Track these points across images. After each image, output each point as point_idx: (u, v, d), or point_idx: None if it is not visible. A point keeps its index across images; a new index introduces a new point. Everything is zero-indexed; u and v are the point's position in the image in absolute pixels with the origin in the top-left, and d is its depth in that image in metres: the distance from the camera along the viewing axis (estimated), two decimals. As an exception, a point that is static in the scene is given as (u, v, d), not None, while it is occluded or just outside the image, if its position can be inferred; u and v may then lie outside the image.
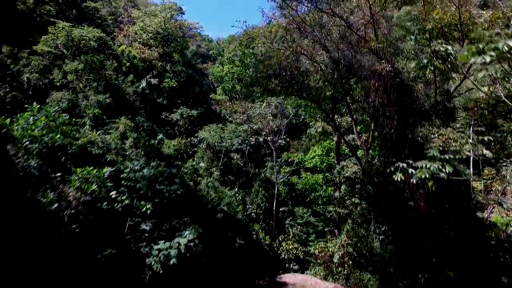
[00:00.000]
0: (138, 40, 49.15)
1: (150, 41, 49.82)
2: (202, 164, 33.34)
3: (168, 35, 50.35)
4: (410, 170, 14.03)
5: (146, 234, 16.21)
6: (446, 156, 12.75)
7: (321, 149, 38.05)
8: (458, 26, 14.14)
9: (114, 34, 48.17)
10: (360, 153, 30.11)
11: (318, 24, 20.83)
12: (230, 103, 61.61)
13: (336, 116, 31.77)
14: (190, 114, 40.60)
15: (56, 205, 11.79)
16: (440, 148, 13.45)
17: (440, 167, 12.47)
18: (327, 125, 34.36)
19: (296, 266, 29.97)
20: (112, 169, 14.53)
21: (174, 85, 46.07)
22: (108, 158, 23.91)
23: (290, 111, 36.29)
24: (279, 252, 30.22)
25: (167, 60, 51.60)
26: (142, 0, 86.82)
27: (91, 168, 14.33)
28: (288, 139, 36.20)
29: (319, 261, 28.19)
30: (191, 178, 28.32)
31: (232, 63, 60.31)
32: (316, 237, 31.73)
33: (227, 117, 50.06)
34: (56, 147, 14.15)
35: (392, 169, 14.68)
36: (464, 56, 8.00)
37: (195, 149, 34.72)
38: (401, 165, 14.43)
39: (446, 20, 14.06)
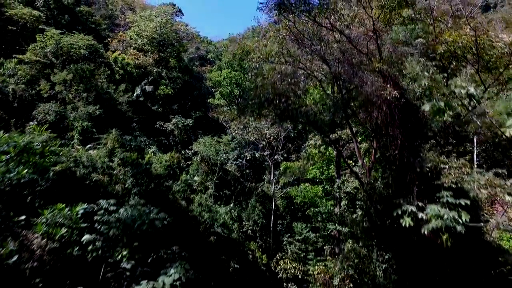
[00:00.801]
0: (133, 45, 47.47)
1: (145, 46, 48.17)
2: (196, 178, 31.75)
3: (163, 40, 48.66)
4: (420, 215, 12.44)
5: (128, 273, 14.64)
6: (462, 202, 11.16)
7: (321, 161, 36.43)
8: (473, 49, 12.52)
9: (108, 40, 46.45)
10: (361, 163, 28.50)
11: (317, 36, 19.19)
12: (228, 108, 60.28)
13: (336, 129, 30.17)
14: (185, 123, 38.96)
15: (16, 257, 10.22)
16: (453, 186, 11.82)
17: (456, 216, 10.90)
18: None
19: (294, 287, 28.46)
20: (86, 206, 12.91)
21: (170, 92, 44.43)
22: (94, 178, 22.57)
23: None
24: (276, 271, 28.68)
25: (163, 65, 49.95)
26: (139, 3, 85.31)
27: (62, 206, 12.74)
28: (285, 155, 34.64)
29: (318, 283, 26.64)
30: (183, 195, 26.77)
31: (230, 67, 58.79)
32: (315, 255, 30.13)
33: (225, 124, 48.60)
34: (23, 184, 12.54)
35: (399, 212, 13.08)
36: (497, 113, 6.46)
37: (189, 162, 33.10)
38: (409, 209, 12.83)
39: (460, 43, 12.46)
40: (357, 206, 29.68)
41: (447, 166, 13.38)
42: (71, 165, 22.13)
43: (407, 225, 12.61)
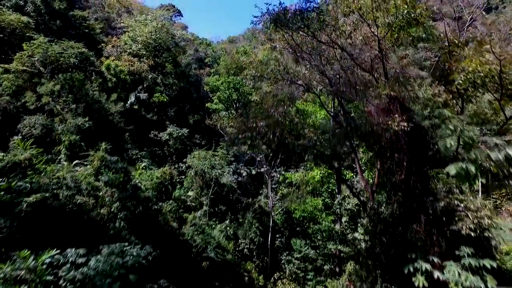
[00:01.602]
0: (128, 50, 45.76)
1: (140, 52, 46.47)
2: (190, 193, 30.14)
3: (159, 45, 46.95)
4: (437, 275, 10.79)
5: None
6: (487, 264, 9.50)
7: (320, 173, 34.72)
8: (496, 78, 10.87)
9: (102, 45, 44.71)
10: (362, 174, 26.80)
11: (317, 51, 17.52)
12: (226, 113, 58.59)
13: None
14: (180, 133, 37.28)
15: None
16: (473, 234, 10.17)
17: (480, 282, 9.26)
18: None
19: (293, 309, 26.91)
20: (55, 253, 11.26)
21: (165, 99, 42.73)
22: (78, 201, 20.92)
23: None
24: (274, 292, 27.13)
25: (159, 71, 48.28)
26: (136, 6, 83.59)
27: (27, 253, 11.07)
28: (283, 172, 32.98)
29: (317, 307, 25.08)
30: (175, 215, 25.15)
31: (229, 72, 57.11)
32: (314, 275, 28.51)
33: (222, 132, 46.93)
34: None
35: (411, 269, 11.43)
36: None
37: (183, 177, 31.42)
38: (423, 267, 11.17)
39: (482, 73, 10.81)
40: (359, 224, 28.15)
41: (462, 205, 11.69)
42: (54, 187, 20.59)
43: (421, 285, 10.95)
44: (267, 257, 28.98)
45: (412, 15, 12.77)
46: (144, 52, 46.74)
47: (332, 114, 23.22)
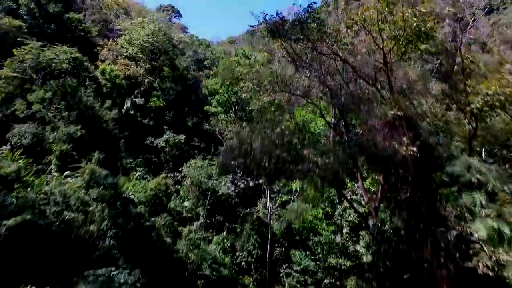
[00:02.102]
0: (124, 54, 44.56)
1: (137, 55, 45.25)
2: (186, 203, 29.04)
3: (156, 48, 45.76)
4: None
5: None
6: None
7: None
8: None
9: (98, 48, 43.53)
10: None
11: (317, 61, 16.39)
12: (226, 115, 57.43)
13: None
14: (177, 140, 36.15)
15: None
16: (490, 273, 9.04)
17: None
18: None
19: (292, 326, 25.84)
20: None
21: (162, 104, 41.59)
22: (66, 217, 19.86)
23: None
24: (272, 308, 26.07)
25: (156, 74, 47.11)
26: (134, 8, 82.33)
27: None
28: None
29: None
30: (170, 229, 24.02)
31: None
32: (314, 289, 27.44)
33: (220, 137, 45.83)
34: None
35: None
36: None
37: (179, 186, 30.27)
38: None
39: (502, 96, 9.69)
40: (360, 236, 27.06)
41: (476, 235, 10.56)
42: (41, 203, 19.54)
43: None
44: (266, 270, 27.89)
45: (422, 29, 11.67)
46: (141, 56, 45.56)
47: (332, 124, 22.10)
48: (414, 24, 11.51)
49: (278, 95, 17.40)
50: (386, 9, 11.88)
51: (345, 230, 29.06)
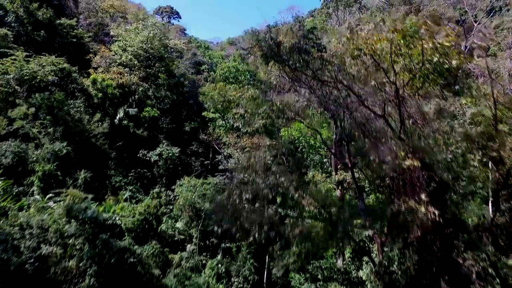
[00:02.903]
0: (118, 61, 42.60)
1: (132, 61, 43.27)
2: (178, 225, 27.16)
3: (151, 55, 43.82)
4: None
5: None
6: None
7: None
8: None
9: (90, 55, 41.58)
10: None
11: (318, 87, 14.46)
12: (223, 122, 55.56)
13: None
14: (171, 154, 34.24)
15: None
16: None
17: None
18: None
19: None
20: None
21: (156, 114, 39.67)
22: (43, 252, 18.04)
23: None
24: None
25: (152, 81, 45.15)
26: (132, 9, 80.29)
27: None
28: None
29: None
30: (159, 258, 22.15)
31: (226, 80, 54.08)
32: (315, 317, 25.56)
33: (217, 148, 44.02)
34: None
35: None
36: None
37: (171, 207, 28.29)
38: None
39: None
40: (364, 262, 25.29)
41: None
42: (16, 236, 17.67)
43: None
44: (263, 296, 26.02)
45: (446, 66, 9.77)
46: (135, 62, 43.61)
47: (333, 150, 20.25)
48: (435, 59, 9.62)
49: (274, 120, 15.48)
50: (402, 41, 9.99)
51: (347, 254, 27.28)
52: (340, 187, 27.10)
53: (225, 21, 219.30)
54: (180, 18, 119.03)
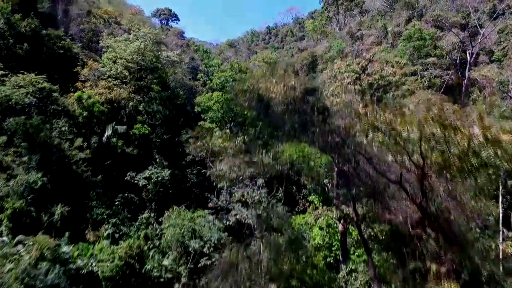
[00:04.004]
0: (108, 73, 39.77)
1: (122, 73, 40.44)
2: (166, 262, 24.47)
3: (142, 67, 41.00)
4: None
5: None
6: None
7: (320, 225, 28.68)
8: None
9: (78, 68, 38.77)
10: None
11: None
12: (220, 132, 52.91)
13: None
14: (160, 177, 31.51)
15: None
16: None
17: None
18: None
19: None
20: None
21: (146, 131, 36.92)
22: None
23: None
24: None
25: (144, 93, 42.33)
26: (128, 14, 77.53)
27: None
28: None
29: None
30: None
31: (223, 89, 51.33)
32: None
33: (211, 165, 41.24)
34: None
35: None
36: None
37: (159, 242, 25.52)
38: None
39: None
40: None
41: None
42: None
43: None
44: None
45: (484, 156, 7.17)
46: (126, 74, 40.81)
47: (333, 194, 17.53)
48: (485, 154, 7.03)
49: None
50: (439, 130, 7.37)
51: (350, 295, 24.60)
52: (342, 221, 24.42)
53: (225, 22, 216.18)
54: (179, 20, 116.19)
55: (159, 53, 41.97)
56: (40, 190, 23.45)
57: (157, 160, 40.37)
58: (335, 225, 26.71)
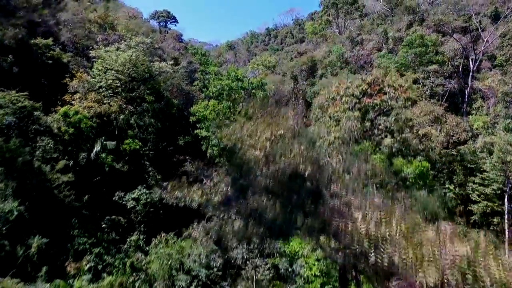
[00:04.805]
0: (98, 84, 37.91)
1: (113, 84, 38.56)
2: (152, 295, 22.65)
3: (134, 78, 39.14)
4: None
5: None
6: None
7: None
8: None
9: (66, 79, 36.89)
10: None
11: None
12: (217, 141, 51.30)
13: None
14: (149, 199, 29.70)
15: None
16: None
17: None
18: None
19: None
20: None
21: (137, 146, 35.10)
22: None
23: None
24: None
25: (137, 103, 40.51)
26: (123, 18, 75.64)
27: None
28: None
29: None
30: None
31: (220, 97, 49.47)
32: None
33: (205, 179, 39.40)
34: None
35: None
36: None
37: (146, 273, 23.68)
38: None
39: None
40: None
41: None
42: None
43: None
44: None
45: None
46: (118, 84, 38.94)
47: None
48: None
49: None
50: None
51: None
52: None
53: (225, 23, 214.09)
54: (177, 22, 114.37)
55: (151, 63, 39.98)
56: (16, 221, 21.63)
57: (150, 173, 38.65)
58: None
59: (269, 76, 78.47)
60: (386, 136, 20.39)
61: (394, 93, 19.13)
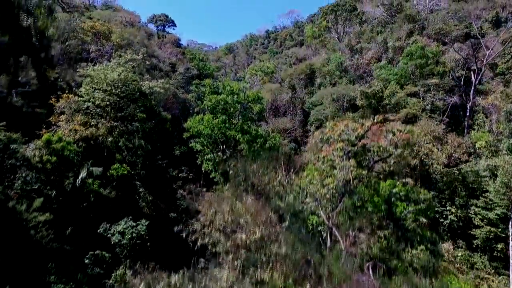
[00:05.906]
0: (86, 104, 36.02)
1: (103, 103, 36.59)
2: None
3: (124, 98, 37.18)
4: None
5: None
6: None
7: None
8: None
9: (52, 100, 34.98)
10: None
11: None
12: (212, 155, 49.68)
13: None
14: (134, 234, 27.84)
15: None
16: None
17: None
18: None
19: None
20: None
21: (125, 172, 33.23)
22: None
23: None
24: None
25: (128, 121, 38.59)
26: (121, 21, 73.85)
27: None
28: None
29: None
30: None
31: (214, 109, 47.57)
32: None
33: (197, 207, 37.60)
34: None
35: None
36: None
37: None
38: None
39: None
40: None
41: None
42: None
43: None
44: None
45: None
46: (107, 103, 36.96)
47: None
48: None
49: None
50: None
51: None
52: None
53: (225, 24, 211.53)
54: (175, 26, 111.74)
55: (141, 83, 37.96)
56: (-13, 268, 19.80)
57: (141, 194, 36.89)
58: None
59: (267, 84, 76.46)
60: (385, 180, 18.47)
61: (392, 138, 17.22)
